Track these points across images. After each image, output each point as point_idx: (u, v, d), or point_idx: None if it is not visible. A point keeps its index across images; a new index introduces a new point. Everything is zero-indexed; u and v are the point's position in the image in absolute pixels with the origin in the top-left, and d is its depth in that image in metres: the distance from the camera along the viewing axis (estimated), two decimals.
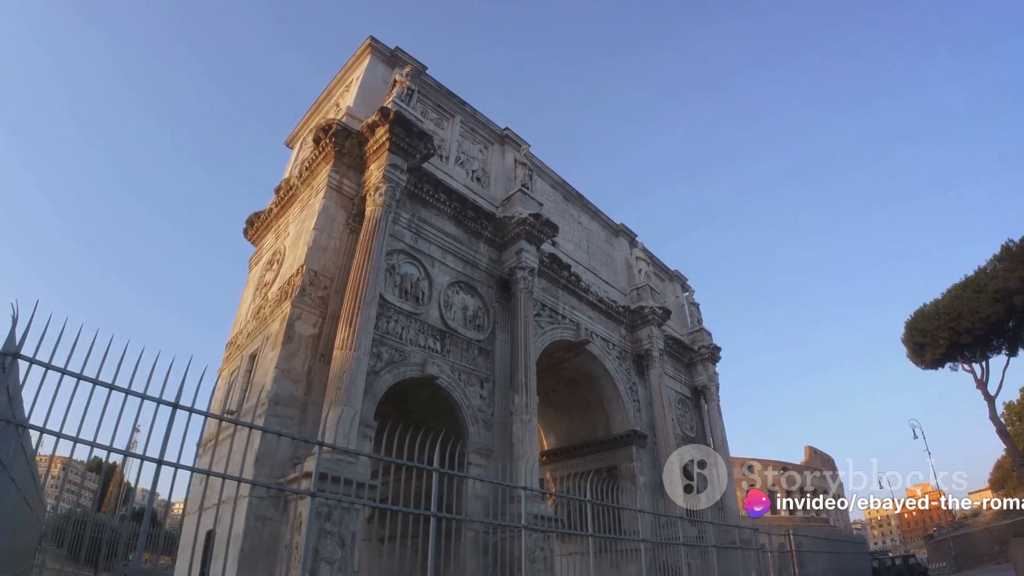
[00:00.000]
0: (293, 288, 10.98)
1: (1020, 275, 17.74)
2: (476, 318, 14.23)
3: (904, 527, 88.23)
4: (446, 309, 13.46)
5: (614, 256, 22.58)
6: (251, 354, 11.78)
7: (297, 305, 10.60)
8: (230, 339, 14.12)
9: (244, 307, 14.30)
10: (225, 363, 13.75)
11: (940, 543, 31.02)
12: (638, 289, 21.16)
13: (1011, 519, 21.69)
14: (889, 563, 23.59)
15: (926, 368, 22.92)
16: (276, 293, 11.84)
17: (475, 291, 14.57)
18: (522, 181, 16.97)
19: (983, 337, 20.19)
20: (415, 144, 12.87)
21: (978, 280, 19.89)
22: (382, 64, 16.01)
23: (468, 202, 14.99)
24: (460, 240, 14.72)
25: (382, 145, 12.56)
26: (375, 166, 12.64)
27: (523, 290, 14.71)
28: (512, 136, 18.80)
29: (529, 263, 15.17)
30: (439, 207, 14.39)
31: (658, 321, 20.35)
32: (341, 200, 12.54)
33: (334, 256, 11.73)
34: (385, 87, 15.54)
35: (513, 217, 15.53)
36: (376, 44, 15.85)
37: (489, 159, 18.08)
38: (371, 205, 11.87)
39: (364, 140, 12.93)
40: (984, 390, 20.95)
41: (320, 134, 12.98)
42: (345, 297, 10.57)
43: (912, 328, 22.62)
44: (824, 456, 64.55)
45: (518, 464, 11.84)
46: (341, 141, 12.84)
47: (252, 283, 14.68)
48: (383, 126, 12.48)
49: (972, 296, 19.62)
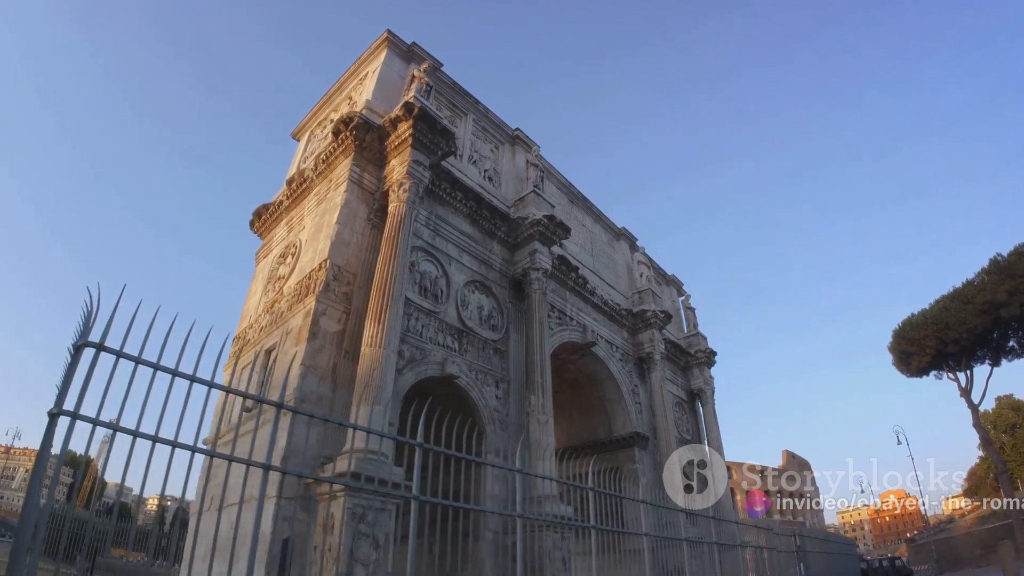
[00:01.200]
0: (316, 283, 10.77)
1: (1008, 288, 18.55)
2: (491, 318, 14.19)
3: (876, 531, 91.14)
4: (463, 308, 13.38)
5: (616, 259, 22.77)
6: (267, 349, 11.51)
7: (322, 300, 10.41)
8: (237, 333, 13.76)
9: (253, 301, 13.96)
10: (232, 358, 13.40)
11: (922, 546, 32.13)
12: (640, 293, 21.39)
13: (992, 523, 22.64)
14: (877, 565, 24.41)
15: (911, 376, 23.78)
16: (294, 287, 11.60)
17: (489, 291, 14.53)
18: (534, 182, 16.99)
19: (968, 347, 21.01)
20: (437, 141, 12.77)
21: (966, 292, 20.71)
22: (398, 59, 15.85)
23: (484, 201, 14.94)
24: (475, 239, 14.66)
25: (404, 140, 12.43)
26: (396, 161, 12.50)
27: (537, 291, 14.72)
28: (523, 137, 18.81)
29: (543, 264, 15.19)
30: (455, 205, 14.30)
31: (659, 325, 20.61)
32: (362, 194, 12.36)
33: (356, 251, 11.56)
34: (402, 82, 15.39)
35: (527, 218, 15.53)
36: (393, 38, 15.68)
37: (500, 159, 18.05)
38: (395, 201, 11.73)
39: (385, 135, 12.78)
40: (968, 398, 21.80)
41: (340, 126, 12.77)
42: (371, 293, 10.42)
43: (900, 337, 23.42)
44: (801, 460, 66.36)
45: (536, 464, 11.85)
46: (362, 135, 12.66)
47: (261, 276, 14.35)
48: (406, 121, 12.35)
49: (960, 307, 20.42)
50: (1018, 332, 20.54)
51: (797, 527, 15.92)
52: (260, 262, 15.07)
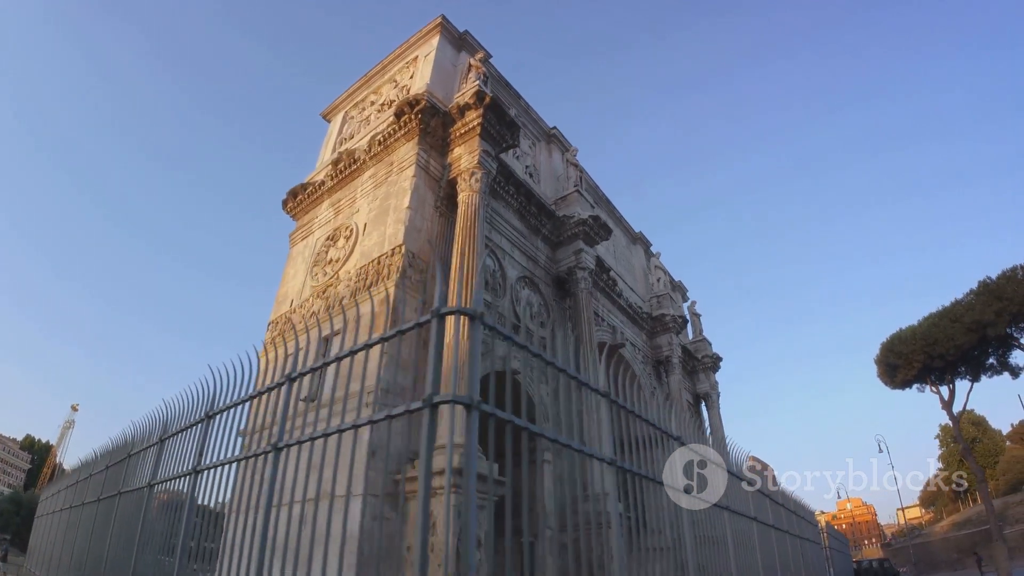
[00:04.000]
0: (391, 269, 10.36)
1: (996, 309, 20.10)
2: (540, 314, 14.08)
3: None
4: (516, 303, 13.21)
5: (633, 263, 23.08)
6: (325, 336, 10.97)
7: (400, 288, 10.01)
8: (274, 318, 13.08)
9: (294, 284, 13.28)
10: (267, 348, 12.67)
11: (899, 550, 34.26)
12: (658, 297, 21.76)
13: (968, 529, 24.41)
14: (867, 565, 25.96)
15: (895, 388, 25.36)
16: (357, 272, 11.11)
17: (537, 287, 14.41)
18: (575, 182, 16.97)
19: (952, 363, 22.61)
20: (503, 133, 12.55)
21: (955, 311, 22.31)
22: (450, 46, 15.48)
23: (534, 197, 14.81)
24: (523, 235, 14.50)
25: (472, 129, 12.14)
26: (463, 149, 12.18)
27: (584, 290, 14.71)
28: (559, 136, 18.78)
29: (588, 264, 15.20)
30: (507, 199, 14.10)
31: (677, 329, 21.03)
32: (428, 180, 11.99)
33: (427, 238, 11.19)
34: (453, 69, 15.05)
35: (572, 217, 15.48)
36: (447, 25, 15.30)
37: (538, 156, 17.95)
38: (466, 190, 11.43)
39: (450, 121, 12.44)
40: (949, 411, 23.45)
41: (405, 108, 12.34)
42: (453, 284, 10.11)
43: (888, 350, 24.92)
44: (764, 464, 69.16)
45: (594, 463, 11.80)
46: (427, 119, 12.28)
47: (300, 259, 13.68)
48: (475, 110, 12.06)
49: (948, 325, 21.96)
50: (998, 351, 22.32)
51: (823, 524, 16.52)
52: (297, 244, 14.37)
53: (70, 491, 9.52)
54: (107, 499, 6.98)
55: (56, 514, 10.08)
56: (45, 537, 11.04)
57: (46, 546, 10.47)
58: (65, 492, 9.96)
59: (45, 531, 11.27)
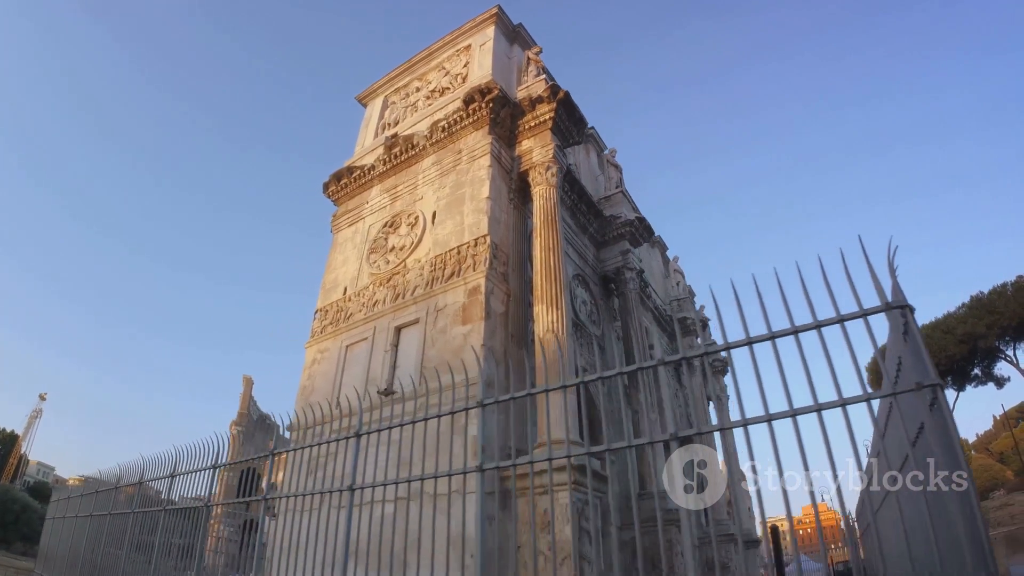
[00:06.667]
0: (475, 259, 10.07)
1: (987, 322, 21.49)
2: (592, 313, 14.02)
3: (801, 543, 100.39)
4: (573, 299, 13.10)
5: (652, 265, 23.34)
6: (397, 326, 10.57)
7: (490, 279, 9.74)
8: (323, 306, 12.51)
9: (345, 271, 12.74)
10: (318, 337, 12.10)
11: None
12: (679, 300, 22.11)
13: None
14: (842, 568, 27.09)
15: None
16: (433, 261, 10.75)
17: (588, 286, 14.36)
18: (616, 183, 17.02)
19: (942, 373, 24.00)
20: (571, 128, 12.44)
21: (947, 323, 23.70)
22: (503, 37, 15.23)
23: (585, 195, 14.76)
24: (574, 232, 14.43)
25: (543, 123, 11.98)
26: (533, 143, 12.00)
27: (633, 291, 14.77)
28: (596, 135, 18.81)
29: (635, 265, 15.28)
30: (562, 195, 13.97)
31: (697, 332, 21.41)
32: (500, 172, 11.73)
33: (506, 230, 10.95)
34: (508, 61, 14.81)
35: (619, 217, 15.52)
36: (502, 15, 15.04)
37: (578, 154, 17.89)
38: (542, 184, 11.25)
39: (519, 113, 12.24)
40: None
41: (476, 95, 12.05)
42: (537, 277, 9.93)
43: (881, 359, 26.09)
44: None
45: (657, 462, 11.84)
46: (498, 108, 12.03)
47: (351, 245, 13.15)
48: (548, 103, 11.91)
49: (941, 336, 23.32)
50: (983, 362, 23.85)
51: None
52: (343, 230, 13.81)
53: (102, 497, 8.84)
54: None
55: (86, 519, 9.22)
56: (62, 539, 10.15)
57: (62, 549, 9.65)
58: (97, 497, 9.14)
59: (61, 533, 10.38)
